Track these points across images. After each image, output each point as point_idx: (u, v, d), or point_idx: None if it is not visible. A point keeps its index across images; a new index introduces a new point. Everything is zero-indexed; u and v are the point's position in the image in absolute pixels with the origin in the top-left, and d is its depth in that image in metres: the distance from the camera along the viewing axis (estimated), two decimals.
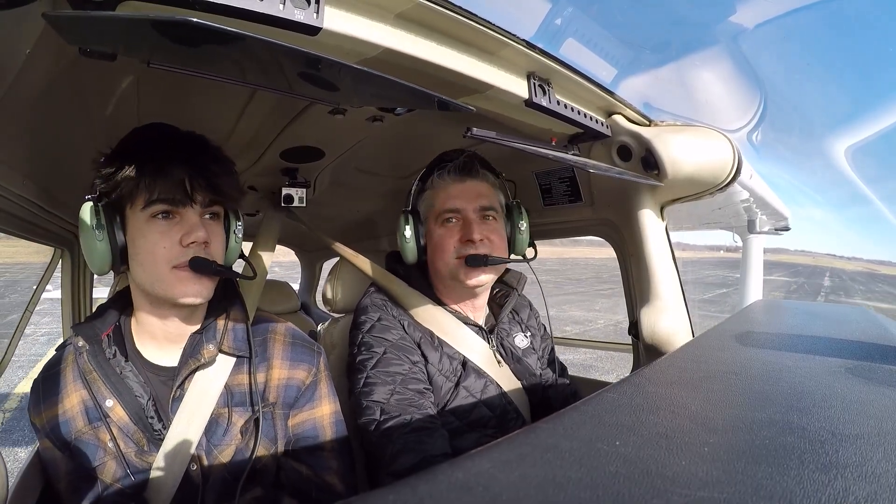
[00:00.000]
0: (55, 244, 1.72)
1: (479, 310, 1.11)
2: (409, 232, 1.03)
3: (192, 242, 0.73)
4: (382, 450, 0.89)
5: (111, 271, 0.76)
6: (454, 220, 1.02)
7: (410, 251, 1.04)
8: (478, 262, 0.98)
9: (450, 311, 1.06)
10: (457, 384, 1.00)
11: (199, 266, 0.73)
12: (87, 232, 0.72)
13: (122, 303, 0.85)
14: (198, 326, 0.84)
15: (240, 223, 0.85)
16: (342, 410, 0.94)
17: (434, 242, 1.04)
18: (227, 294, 0.87)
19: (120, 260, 0.74)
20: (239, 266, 0.93)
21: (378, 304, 1.07)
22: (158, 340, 0.82)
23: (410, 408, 0.92)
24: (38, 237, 1.48)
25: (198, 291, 0.75)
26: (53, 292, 2.07)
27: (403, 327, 1.03)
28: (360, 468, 1.06)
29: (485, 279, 1.01)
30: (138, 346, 0.82)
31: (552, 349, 1.25)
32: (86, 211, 0.73)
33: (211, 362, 0.81)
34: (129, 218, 0.74)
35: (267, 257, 1.22)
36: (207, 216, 0.78)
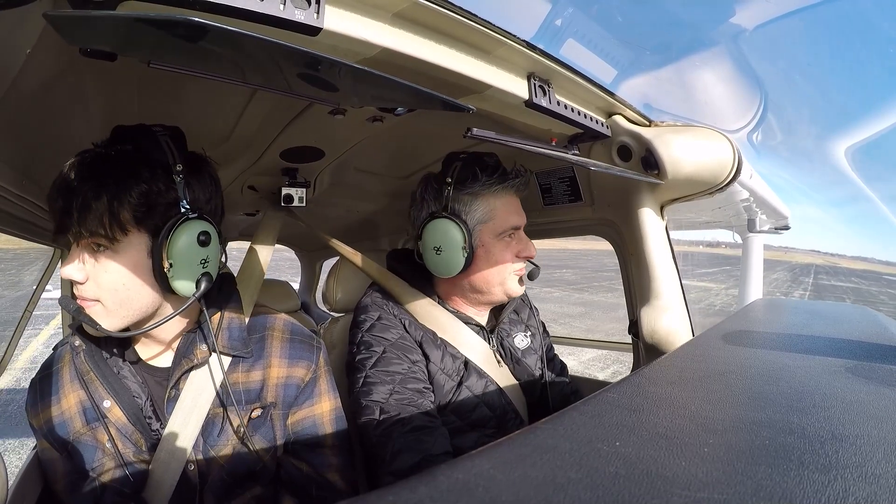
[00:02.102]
0: (55, 244, 1.72)
1: (484, 311, 1.12)
2: (462, 241, 0.94)
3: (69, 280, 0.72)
4: (382, 449, 0.89)
5: None
6: (513, 235, 1.01)
7: (457, 266, 0.96)
8: (535, 276, 1.06)
9: (450, 311, 1.06)
10: (459, 383, 1.00)
11: (60, 303, 0.74)
12: None
13: None
14: (191, 325, 0.83)
15: (177, 236, 0.70)
16: (343, 407, 0.93)
17: (493, 258, 0.99)
18: (223, 291, 0.86)
19: None
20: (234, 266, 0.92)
21: (378, 302, 1.06)
22: (151, 341, 0.81)
23: (410, 407, 0.92)
24: (38, 237, 1.47)
25: (86, 326, 0.74)
26: (53, 292, 2.07)
27: (404, 326, 1.02)
28: (360, 465, 1.06)
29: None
30: (134, 345, 0.82)
31: (552, 348, 1.26)
32: None
33: (204, 362, 0.80)
34: None
35: (266, 256, 1.21)
36: (93, 246, 0.70)
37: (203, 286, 0.73)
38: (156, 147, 0.72)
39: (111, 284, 0.70)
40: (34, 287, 1.98)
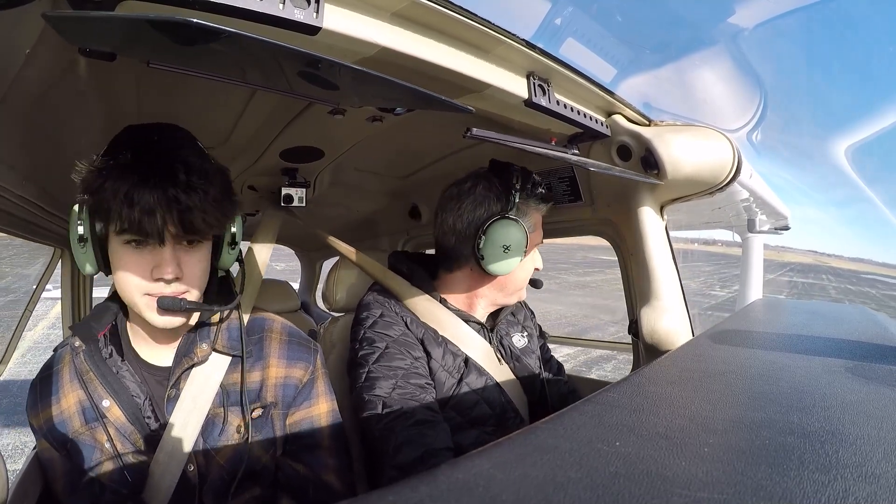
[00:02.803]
0: (55, 244, 1.72)
1: (490, 310, 1.13)
2: (525, 244, 0.99)
3: (161, 278, 0.71)
4: (385, 443, 0.89)
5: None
6: (536, 248, 1.08)
7: (514, 264, 1.00)
8: (539, 285, 1.16)
9: (451, 309, 1.06)
10: (459, 380, 1.01)
11: (167, 306, 0.72)
12: (73, 236, 0.71)
13: (118, 302, 0.85)
14: (192, 325, 0.83)
15: (235, 233, 0.83)
16: (341, 408, 0.94)
17: (527, 265, 1.06)
18: (222, 292, 0.86)
19: (106, 268, 0.74)
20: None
21: (380, 300, 1.07)
22: (152, 341, 0.82)
23: (412, 402, 0.92)
24: (38, 237, 1.48)
25: (168, 321, 0.74)
26: (53, 292, 2.07)
27: (406, 324, 1.03)
28: (358, 466, 1.06)
29: None
30: (134, 345, 0.82)
31: (548, 349, 1.27)
32: (73, 215, 0.71)
33: (204, 361, 0.80)
34: (109, 234, 0.72)
35: (265, 256, 1.21)
36: (185, 242, 0.73)
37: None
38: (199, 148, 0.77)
39: (197, 275, 0.76)
40: (34, 286, 1.98)
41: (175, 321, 0.74)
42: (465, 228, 1.02)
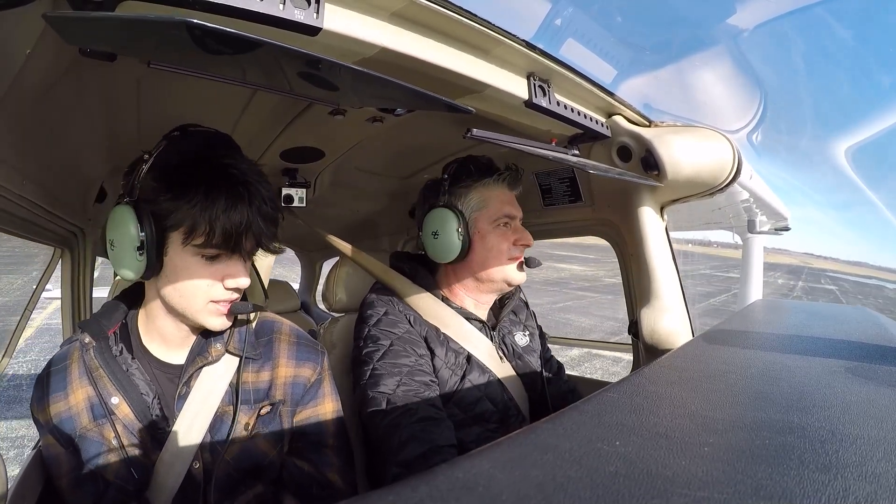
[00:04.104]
0: (55, 244, 1.72)
1: (485, 306, 1.13)
2: (460, 228, 1.01)
3: (236, 288, 0.77)
4: (389, 440, 0.89)
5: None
6: (508, 224, 1.07)
7: (455, 249, 1.02)
8: (534, 264, 1.11)
9: (453, 308, 1.07)
10: (462, 377, 1.01)
11: (240, 310, 0.79)
12: (124, 244, 0.71)
13: (129, 300, 0.86)
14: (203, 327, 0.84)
15: None
16: (345, 406, 0.95)
17: (489, 244, 1.05)
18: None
19: (152, 273, 0.75)
20: None
21: (384, 299, 1.08)
22: (168, 340, 0.83)
23: (417, 398, 0.93)
24: (39, 237, 1.47)
25: (225, 322, 0.80)
26: (53, 292, 2.06)
27: (410, 322, 1.04)
28: (359, 465, 1.07)
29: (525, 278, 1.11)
30: (145, 343, 0.83)
31: (548, 348, 1.28)
32: (122, 218, 0.71)
33: (217, 360, 0.82)
34: (173, 242, 0.73)
35: (268, 259, 1.22)
36: (250, 254, 0.80)
37: None
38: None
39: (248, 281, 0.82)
40: (34, 287, 1.98)
41: (230, 321, 0.80)
42: (418, 227, 1.09)
